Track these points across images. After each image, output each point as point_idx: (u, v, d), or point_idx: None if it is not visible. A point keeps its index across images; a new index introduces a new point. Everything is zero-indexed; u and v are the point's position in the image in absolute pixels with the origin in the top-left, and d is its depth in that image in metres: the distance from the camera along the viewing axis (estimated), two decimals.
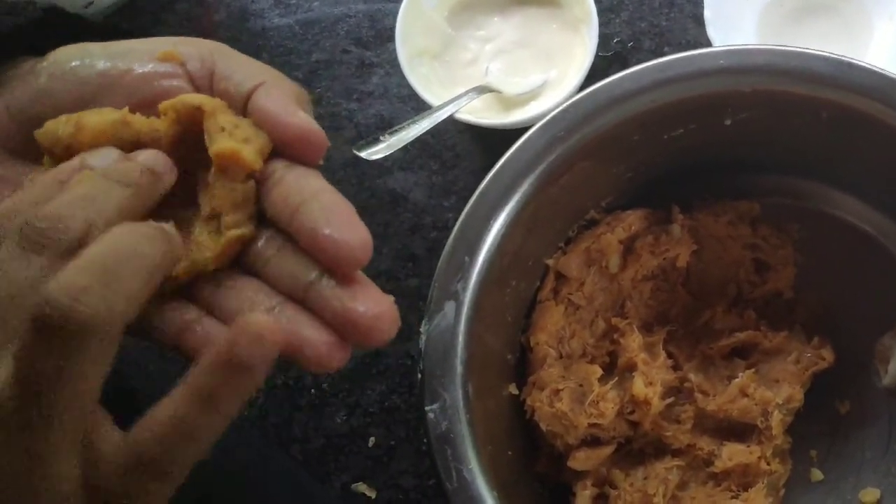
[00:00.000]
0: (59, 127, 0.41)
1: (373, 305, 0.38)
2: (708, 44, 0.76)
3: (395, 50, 0.76)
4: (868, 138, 0.62)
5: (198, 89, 0.43)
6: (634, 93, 0.61)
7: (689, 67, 0.61)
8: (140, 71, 0.42)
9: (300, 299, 0.39)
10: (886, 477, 0.68)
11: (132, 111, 0.41)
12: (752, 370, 0.67)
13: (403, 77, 0.76)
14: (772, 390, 0.66)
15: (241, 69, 0.43)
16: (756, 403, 0.66)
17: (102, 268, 0.33)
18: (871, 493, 0.67)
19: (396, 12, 0.77)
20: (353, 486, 0.74)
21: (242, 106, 0.42)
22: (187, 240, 0.40)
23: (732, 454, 0.66)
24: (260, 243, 0.40)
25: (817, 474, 0.69)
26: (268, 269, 0.40)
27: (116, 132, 0.41)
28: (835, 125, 0.62)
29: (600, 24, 0.77)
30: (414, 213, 0.79)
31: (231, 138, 0.40)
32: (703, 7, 0.76)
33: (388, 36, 0.81)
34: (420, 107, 0.77)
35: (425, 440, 0.57)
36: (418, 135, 0.70)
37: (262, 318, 0.35)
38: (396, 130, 0.70)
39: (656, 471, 0.66)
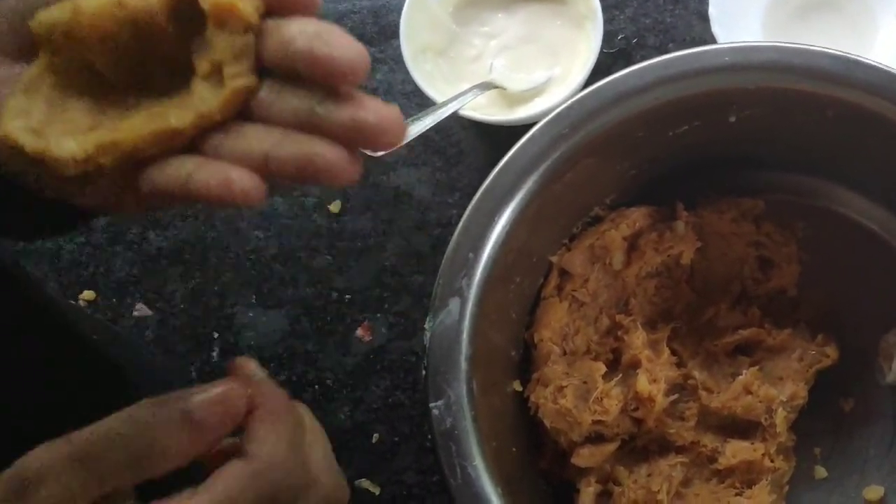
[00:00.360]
0: (54, 14, 0.40)
1: (379, 110, 0.38)
2: (713, 40, 0.76)
3: (399, 46, 0.76)
4: (874, 135, 0.62)
5: None
6: (639, 90, 0.61)
7: (694, 64, 0.61)
8: None
9: (307, 129, 0.39)
10: (891, 474, 0.68)
11: None
12: (756, 367, 0.67)
13: (407, 73, 0.76)
14: (776, 388, 0.66)
15: None
16: (760, 401, 0.66)
17: None
18: (874, 491, 0.67)
19: (401, 8, 0.77)
20: (357, 482, 0.74)
21: None
22: (189, 98, 0.40)
23: (736, 451, 0.66)
24: (261, 93, 0.40)
25: (821, 471, 0.69)
26: (271, 113, 0.40)
27: (114, 15, 0.40)
28: (840, 122, 0.62)
29: (605, 21, 0.77)
30: (418, 210, 0.79)
31: None
32: (707, 3, 0.76)
33: (392, 32, 0.81)
34: (424, 103, 0.77)
35: (430, 436, 0.57)
36: (422, 131, 0.70)
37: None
38: None
39: (660, 468, 0.66)
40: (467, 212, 0.61)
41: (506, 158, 0.62)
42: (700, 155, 0.68)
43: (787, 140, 0.66)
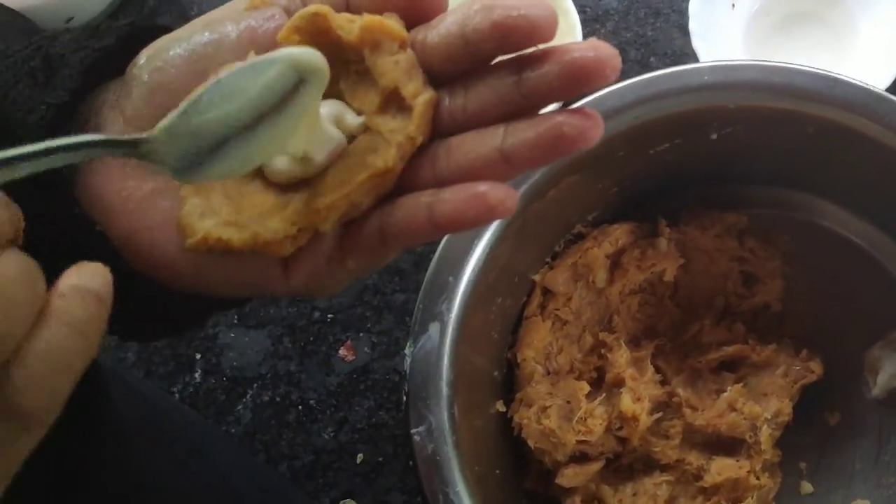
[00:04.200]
0: None
1: (587, 45, 0.35)
2: (694, 54, 0.75)
3: None
4: (854, 151, 0.62)
5: None
6: (619, 109, 0.61)
7: (674, 83, 0.61)
8: (242, 27, 0.38)
9: (520, 108, 0.36)
10: (877, 488, 0.67)
11: None
12: (741, 384, 0.67)
13: None
14: (760, 404, 0.66)
15: None
16: (744, 418, 0.65)
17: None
18: None
19: None
20: (342, 502, 0.74)
21: (344, 6, 0.38)
22: (374, 139, 0.37)
23: (721, 469, 0.65)
24: (444, 103, 0.37)
25: (807, 487, 0.69)
26: (469, 115, 0.37)
27: None
28: (821, 139, 0.62)
29: (586, 35, 0.77)
30: None
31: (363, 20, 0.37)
32: (688, 17, 0.76)
33: None
34: None
35: (411, 462, 0.57)
36: None
37: None
38: None
39: (645, 486, 0.66)
40: (447, 234, 0.60)
41: None
42: (682, 171, 0.67)
43: (769, 156, 0.66)
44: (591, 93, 0.62)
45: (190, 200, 0.38)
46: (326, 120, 0.37)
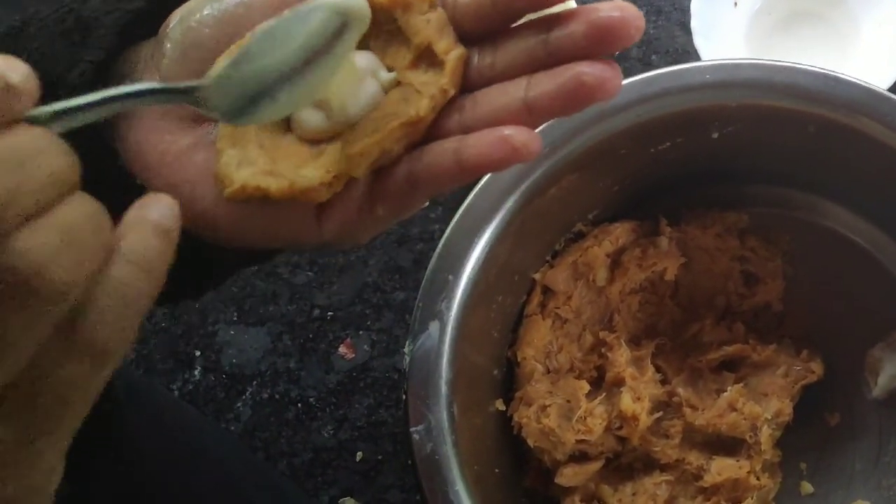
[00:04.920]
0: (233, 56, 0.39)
1: (616, 6, 0.36)
2: (695, 52, 0.75)
3: None
4: (856, 151, 0.62)
5: None
6: (620, 108, 0.61)
7: (676, 82, 0.61)
8: None
9: (546, 66, 0.37)
10: (877, 489, 0.67)
11: None
12: (741, 384, 0.67)
13: None
14: (760, 404, 0.66)
15: None
16: (745, 418, 0.65)
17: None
18: None
19: None
20: (341, 500, 0.74)
21: None
22: (406, 92, 0.39)
23: (721, 469, 0.65)
24: (474, 61, 0.39)
25: (807, 487, 0.68)
26: (497, 71, 0.38)
27: None
28: (822, 138, 0.62)
29: None
30: (400, 225, 0.79)
31: None
32: (690, 15, 0.75)
33: None
34: None
35: (410, 461, 0.57)
36: None
37: None
38: None
39: (645, 486, 0.66)
40: (447, 232, 0.60)
41: (486, 178, 0.61)
42: (683, 170, 0.67)
43: (770, 155, 0.66)
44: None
45: (227, 152, 0.39)
46: (363, 71, 0.39)
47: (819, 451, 0.69)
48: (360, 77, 0.38)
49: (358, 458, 0.75)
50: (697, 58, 0.75)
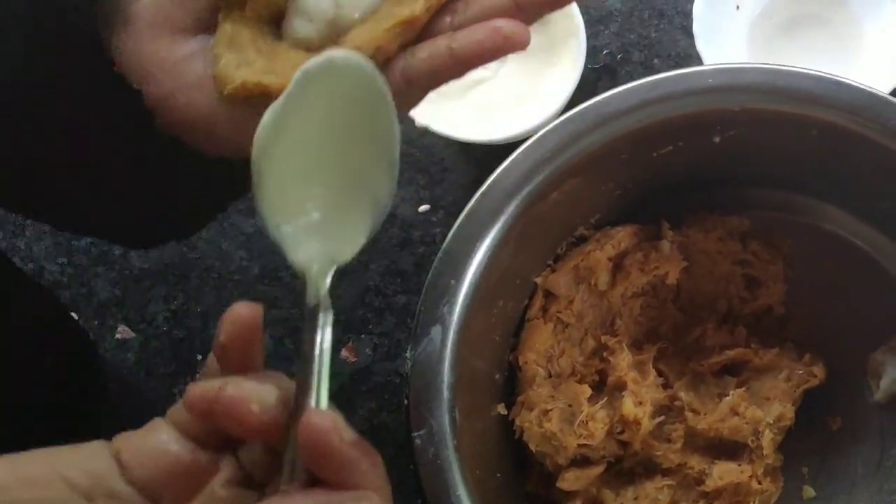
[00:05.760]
0: None
1: None
2: (697, 56, 0.75)
3: None
4: (858, 155, 0.62)
5: None
6: (622, 112, 0.61)
7: (677, 87, 0.60)
8: None
9: None
10: (879, 493, 0.67)
11: None
12: (743, 388, 0.67)
13: None
14: (762, 408, 0.66)
15: None
16: (747, 422, 0.65)
17: None
18: None
19: None
20: None
21: None
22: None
23: (723, 473, 0.65)
24: None
25: (809, 491, 0.68)
26: None
27: None
28: (825, 142, 0.62)
29: (589, 36, 0.77)
30: (402, 229, 0.79)
31: None
32: (692, 19, 0.75)
33: None
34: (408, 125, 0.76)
35: (412, 466, 0.56)
36: None
37: None
38: None
39: (646, 490, 0.65)
40: (449, 237, 0.60)
41: (488, 182, 0.61)
42: (685, 174, 0.67)
43: (773, 159, 0.66)
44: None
45: (225, 56, 0.40)
46: None
47: (821, 455, 0.69)
48: None
49: None
50: (700, 62, 0.75)
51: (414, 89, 0.40)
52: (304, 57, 0.39)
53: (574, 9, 0.74)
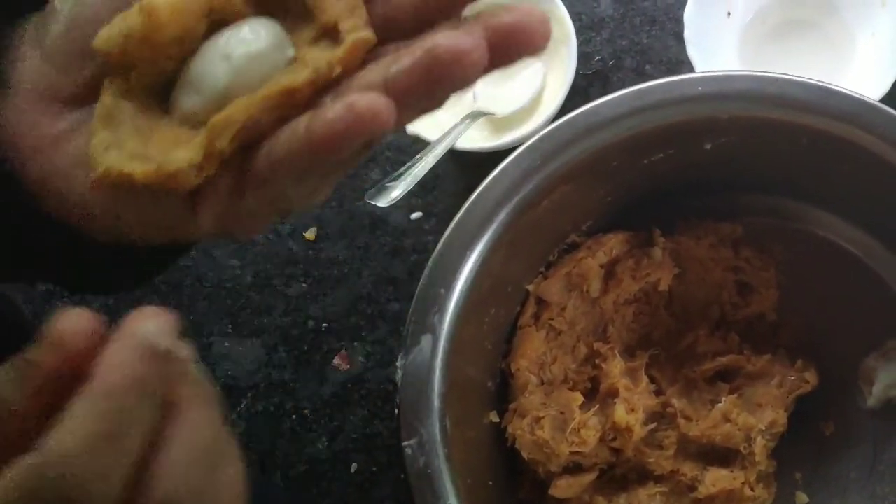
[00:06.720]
0: (122, 26, 0.35)
1: (518, 11, 0.32)
2: (689, 62, 0.75)
3: None
4: (849, 162, 0.62)
5: None
6: (612, 119, 0.61)
7: (668, 94, 0.60)
8: None
9: None
10: (872, 499, 0.67)
11: None
12: (736, 395, 0.67)
13: None
14: (755, 415, 0.66)
15: None
16: (739, 429, 0.65)
17: None
18: None
19: None
20: None
21: None
22: (297, 66, 0.36)
23: (716, 480, 0.65)
24: (381, 50, 0.35)
25: (802, 497, 0.68)
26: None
27: (189, 6, 0.35)
28: (815, 149, 0.62)
29: (581, 43, 0.77)
30: (394, 237, 0.79)
31: None
32: (684, 25, 0.75)
33: None
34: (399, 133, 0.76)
35: (403, 475, 0.56)
36: (424, 173, 0.70)
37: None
38: (403, 173, 0.69)
39: (639, 497, 0.65)
40: (439, 246, 0.60)
41: (478, 190, 0.61)
42: (676, 181, 0.67)
43: (763, 165, 0.66)
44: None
45: (99, 134, 0.36)
46: (263, 54, 0.36)
47: (814, 461, 0.69)
48: (224, 54, 0.35)
49: (353, 470, 0.75)
50: (691, 67, 0.75)
51: (278, 176, 0.35)
52: (187, 135, 0.36)
53: (565, 15, 0.74)
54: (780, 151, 0.63)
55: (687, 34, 0.75)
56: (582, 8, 0.81)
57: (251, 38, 0.36)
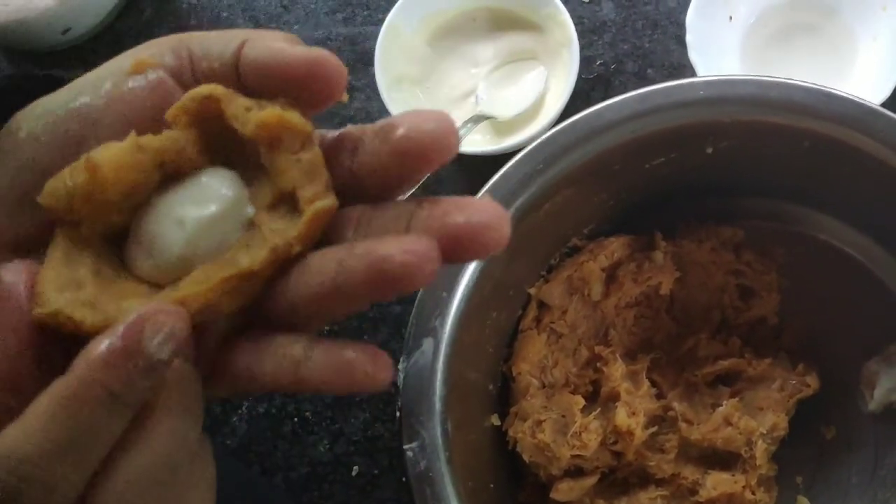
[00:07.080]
0: (65, 180, 0.33)
1: (474, 212, 0.32)
2: (691, 65, 0.75)
3: (375, 74, 0.76)
4: (850, 165, 0.62)
5: (184, 86, 0.35)
6: (614, 123, 0.61)
7: (669, 98, 0.60)
8: (120, 92, 0.35)
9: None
10: (873, 503, 0.67)
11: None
12: (737, 398, 0.67)
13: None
14: (756, 419, 0.66)
15: (216, 41, 0.35)
16: (740, 433, 0.65)
17: None
18: None
19: (377, 36, 0.76)
20: None
21: (235, 76, 0.35)
22: (255, 236, 0.34)
23: (717, 483, 0.65)
24: (343, 212, 0.34)
25: (804, 501, 0.68)
26: (359, 233, 0.34)
27: (137, 162, 0.33)
28: (816, 153, 0.62)
29: (583, 47, 0.77)
30: None
31: (264, 110, 0.33)
32: (686, 29, 0.75)
33: (369, 60, 0.81)
34: None
35: (404, 478, 0.57)
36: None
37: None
38: None
39: (640, 501, 0.65)
40: None
41: (481, 193, 0.61)
42: (678, 184, 0.67)
43: (765, 169, 0.66)
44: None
45: (54, 267, 0.33)
46: (223, 217, 0.34)
47: (815, 464, 0.69)
48: (177, 219, 0.34)
49: (354, 473, 0.75)
50: (693, 71, 0.75)
51: (263, 390, 0.34)
52: (143, 292, 0.34)
53: (567, 19, 0.74)
54: (782, 155, 0.63)
55: (689, 38, 0.75)
56: (584, 12, 0.81)
57: (206, 198, 0.34)
